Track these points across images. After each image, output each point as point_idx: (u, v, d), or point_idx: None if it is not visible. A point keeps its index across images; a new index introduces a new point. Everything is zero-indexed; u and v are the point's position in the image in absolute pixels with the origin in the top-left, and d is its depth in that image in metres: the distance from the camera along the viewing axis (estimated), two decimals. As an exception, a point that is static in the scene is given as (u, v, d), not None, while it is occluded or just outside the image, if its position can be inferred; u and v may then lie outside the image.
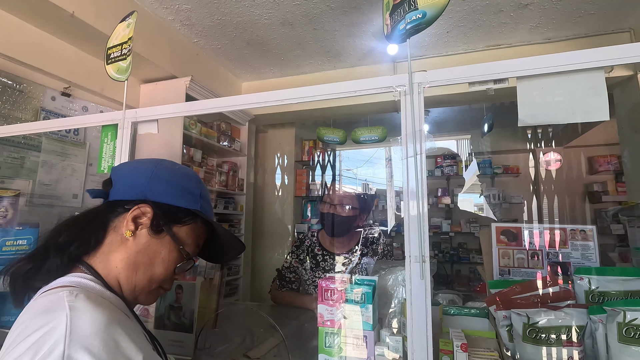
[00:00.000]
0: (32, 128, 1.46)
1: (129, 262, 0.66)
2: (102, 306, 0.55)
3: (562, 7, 2.31)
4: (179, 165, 0.78)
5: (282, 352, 1.11)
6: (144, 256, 0.67)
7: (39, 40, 2.00)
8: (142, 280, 0.67)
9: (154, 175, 0.71)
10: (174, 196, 0.71)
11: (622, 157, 2.80)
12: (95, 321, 0.51)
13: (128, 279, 0.66)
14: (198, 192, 0.74)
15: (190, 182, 0.74)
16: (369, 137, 3.25)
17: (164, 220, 0.69)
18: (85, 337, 0.49)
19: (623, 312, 0.76)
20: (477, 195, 4.30)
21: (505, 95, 3.05)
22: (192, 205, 0.72)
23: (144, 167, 0.73)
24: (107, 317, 0.53)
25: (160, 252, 0.68)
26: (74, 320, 0.50)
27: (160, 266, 0.68)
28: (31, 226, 1.35)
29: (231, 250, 0.83)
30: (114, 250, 0.66)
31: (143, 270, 0.67)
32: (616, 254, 2.58)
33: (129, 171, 0.75)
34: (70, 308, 0.51)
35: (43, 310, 0.53)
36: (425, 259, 0.82)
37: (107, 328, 0.52)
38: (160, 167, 0.73)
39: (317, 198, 3.92)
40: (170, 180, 0.72)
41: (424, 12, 0.87)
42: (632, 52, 0.79)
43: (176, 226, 0.70)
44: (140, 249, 0.67)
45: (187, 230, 0.72)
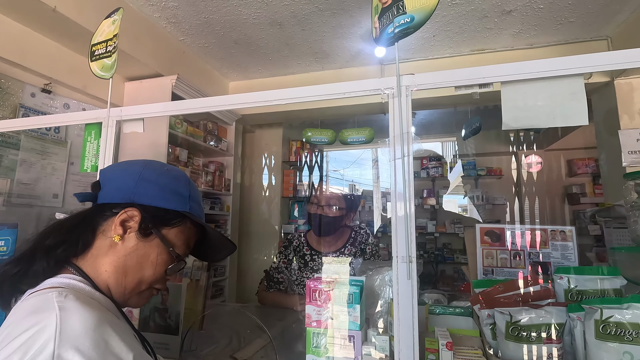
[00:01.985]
0: (11, 125, 1.41)
1: (117, 265, 0.65)
2: (92, 306, 0.55)
3: (543, 15, 2.38)
4: (168, 166, 0.77)
5: (269, 353, 1.10)
6: (132, 259, 0.66)
7: (19, 35, 1.94)
8: (131, 283, 0.66)
9: (142, 178, 0.70)
10: (162, 198, 0.70)
11: (600, 160, 2.90)
12: (85, 321, 0.51)
13: (117, 281, 0.65)
14: (187, 194, 0.73)
15: (179, 184, 0.73)
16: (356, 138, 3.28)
17: (152, 223, 0.68)
18: (75, 337, 0.49)
19: (600, 309, 0.79)
20: (461, 197, 4.38)
21: (489, 99, 3.13)
22: (181, 207, 0.71)
23: (131, 168, 0.72)
24: (97, 317, 0.53)
25: (150, 254, 0.68)
26: (64, 320, 0.50)
27: (149, 269, 0.68)
28: (9, 226, 1.30)
29: (222, 250, 0.82)
30: (102, 254, 0.66)
31: (132, 273, 0.66)
32: (593, 254, 2.67)
33: (117, 173, 0.73)
34: (60, 308, 0.51)
35: (32, 310, 0.53)
36: (412, 259, 0.83)
37: (97, 328, 0.51)
38: (148, 169, 0.72)
39: (305, 199, 3.92)
40: (158, 182, 0.71)
41: (412, 16, 0.89)
42: (610, 60, 0.82)
43: (165, 229, 0.70)
44: (129, 252, 0.66)
45: (176, 232, 0.71)
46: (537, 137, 4.28)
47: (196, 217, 0.73)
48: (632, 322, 0.76)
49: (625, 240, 1.61)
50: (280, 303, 1.73)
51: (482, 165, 4.35)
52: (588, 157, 4.01)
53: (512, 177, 4.36)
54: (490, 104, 3.11)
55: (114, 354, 0.52)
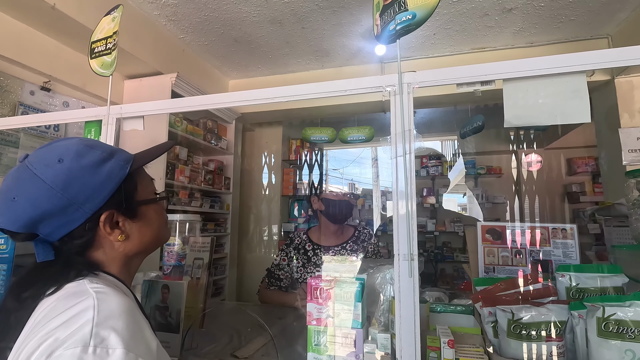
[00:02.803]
0: (10, 123, 1.41)
1: (141, 244, 0.70)
2: (124, 295, 0.60)
3: (544, 13, 2.38)
4: (54, 155, 0.62)
5: (270, 351, 1.10)
6: (146, 233, 0.71)
7: (18, 33, 1.93)
8: (157, 240, 0.74)
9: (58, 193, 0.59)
10: (105, 186, 0.63)
11: (600, 159, 2.90)
12: (119, 305, 0.56)
13: (146, 251, 0.73)
14: (103, 155, 0.64)
15: (89, 158, 0.63)
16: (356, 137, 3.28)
17: (126, 205, 0.66)
18: (111, 318, 0.53)
19: (602, 307, 0.78)
20: (461, 195, 4.38)
21: (489, 98, 3.12)
22: (121, 174, 0.65)
23: (29, 200, 0.59)
24: (129, 303, 0.58)
25: (152, 217, 0.72)
26: (101, 302, 0.54)
27: (160, 221, 0.74)
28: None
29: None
30: (120, 254, 0.68)
31: (154, 237, 0.73)
32: (593, 253, 2.67)
33: (28, 213, 0.59)
34: (96, 292, 0.56)
35: (69, 294, 0.57)
36: (414, 257, 0.83)
37: (129, 312, 0.56)
38: (51, 179, 0.59)
39: (304, 197, 3.92)
40: (79, 179, 0.61)
41: (413, 13, 0.88)
42: (612, 57, 0.82)
43: (136, 195, 0.69)
44: (140, 232, 0.69)
45: (142, 185, 0.71)
46: (537, 136, 4.28)
47: (137, 163, 0.70)
48: (634, 320, 0.75)
49: (625, 239, 1.61)
50: (279, 300, 1.73)
51: (482, 164, 4.35)
52: (588, 156, 4.01)
53: (512, 175, 4.36)
54: (490, 102, 3.10)
55: (144, 337, 0.56)
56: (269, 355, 1.09)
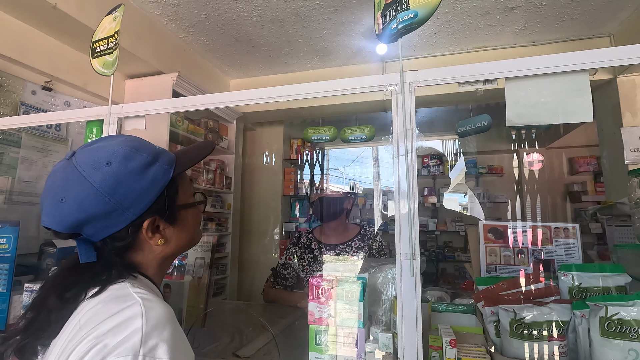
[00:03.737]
0: (12, 123, 1.41)
1: (178, 246, 0.71)
2: (164, 302, 0.60)
3: (546, 11, 2.37)
4: (102, 158, 0.61)
5: (272, 351, 1.10)
6: (183, 238, 0.72)
7: (19, 33, 1.94)
8: (191, 242, 0.75)
9: (105, 197, 0.59)
10: (147, 190, 0.63)
11: (602, 158, 2.89)
12: (165, 314, 0.56)
13: (177, 254, 0.73)
14: (149, 159, 0.64)
15: (135, 162, 0.62)
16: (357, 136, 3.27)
17: (169, 210, 0.67)
18: (158, 327, 0.54)
19: (605, 307, 0.78)
20: (462, 195, 4.38)
21: (490, 97, 3.11)
22: (165, 178, 0.65)
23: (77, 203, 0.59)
24: (171, 311, 0.58)
25: (190, 221, 0.73)
26: (149, 311, 0.55)
27: (197, 224, 0.75)
28: (11, 224, 1.30)
29: None
30: (157, 257, 0.69)
31: (188, 240, 0.74)
32: (595, 252, 2.66)
33: (75, 215, 0.59)
34: (143, 299, 0.56)
35: (113, 297, 0.58)
36: (416, 256, 0.83)
37: (173, 320, 0.57)
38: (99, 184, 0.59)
39: (305, 196, 3.92)
40: (126, 184, 0.61)
41: (415, 12, 0.88)
42: (615, 56, 0.81)
43: (177, 199, 0.69)
44: (178, 237, 0.71)
45: (183, 189, 0.72)
46: (539, 135, 4.27)
47: (180, 167, 0.69)
48: (637, 319, 0.75)
49: (627, 238, 1.60)
50: (282, 299, 1.74)
51: (483, 163, 4.34)
52: (589, 155, 4.00)
53: (513, 175, 4.35)
54: (492, 101, 3.09)
55: (185, 346, 0.57)
56: (271, 354, 1.09)
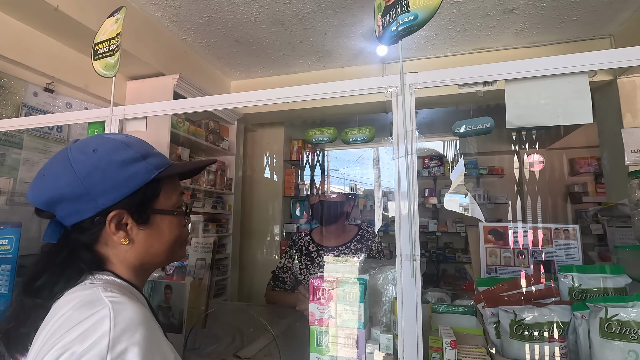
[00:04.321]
0: (14, 124, 1.41)
1: (144, 255, 0.66)
2: (137, 301, 0.58)
3: (546, 13, 2.37)
4: (91, 144, 0.63)
5: (272, 352, 1.10)
6: (153, 244, 0.67)
7: (21, 34, 1.94)
8: (164, 255, 0.69)
9: (79, 179, 0.60)
10: (124, 184, 0.62)
11: (602, 159, 2.89)
12: (136, 316, 0.54)
13: (151, 263, 0.69)
14: (137, 156, 0.64)
15: (121, 155, 0.63)
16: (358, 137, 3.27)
17: (142, 209, 0.64)
18: (128, 331, 0.52)
19: (605, 308, 0.78)
20: (462, 196, 4.37)
21: (491, 98, 3.11)
22: (147, 176, 0.64)
23: (58, 180, 0.61)
24: (145, 313, 0.56)
25: (163, 230, 0.68)
26: (117, 313, 0.53)
27: (171, 238, 0.69)
28: (12, 225, 1.30)
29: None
30: (123, 256, 0.65)
31: (160, 251, 0.68)
32: (595, 253, 2.66)
33: (52, 191, 0.61)
34: (112, 302, 0.54)
35: (83, 303, 0.55)
36: (416, 257, 0.83)
37: (146, 322, 0.54)
38: (78, 166, 0.61)
39: (306, 197, 3.92)
40: (102, 172, 0.61)
41: (415, 14, 0.88)
42: (615, 58, 0.82)
43: (154, 202, 0.66)
44: (145, 242, 0.66)
45: (165, 196, 0.67)
46: (540, 136, 4.27)
47: (168, 171, 0.67)
48: (637, 320, 0.75)
49: (628, 239, 1.60)
50: (281, 301, 1.74)
51: (484, 164, 4.34)
52: (590, 156, 4.00)
53: (514, 176, 4.35)
54: (492, 102, 3.10)
55: (160, 349, 0.55)
56: (272, 355, 1.10)
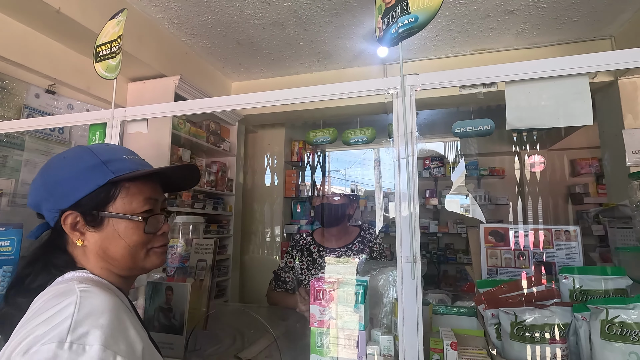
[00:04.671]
0: (16, 126, 1.42)
1: (103, 258, 0.67)
2: (111, 293, 0.59)
3: (546, 14, 2.37)
4: (65, 153, 0.71)
5: (273, 353, 1.11)
6: (109, 247, 0.67)
7: (23, 36, 1.95)
8: (125, 261, 0.68)
9: (45, 183, 0.68)
10: (79, 187, 0.66)
11: (603, 159, 2.89)
12: (104, 302, 0.56)
13: (115, 268, 0.68)
14: (98, 161, 0.67)
15: (83, 161, 0.68)
16: (358, 138, 3.27)
17: (94, 211, 0.66)
18: (92, 315, 0.53)
19: (606, 309, 0.78)
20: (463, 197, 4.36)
21: (491, 99, 3.11)
22: (102, 179, 0.66)
23: (35, 184, 0.70)
24: (115, 302, 0.57)
25: (117, 233, 0.67)
26: (84, 299, 0.55)
27: (128, 243, 0.67)
28: (14, 227, 1.31)
29: (186, 175, 0.81)
30: (87, 258, 0.68)
31: (119, 255, 0.67)
32: (597, 254, 2.65)
33: (32, 194, 0.70)
34: (81, 291, 0.56)
35: (57, 294, 0.57)
36: (417, 259, 0.83)
37: (113, 310, 0.55)
38: (47, 170, 0.69)
39: (307, 198, 3.93)
40: (63, 176, 0.67)
41: (416, 16, 0.89)
42: (615, 59, 0.82)
43: (109, 206, 0.67)
44: (100, 244, 0.67)
45: (123, 201, 0.68)
46: (540, 137, 4.26)
47: (127, 175, 0.68)
48: (638, 322, 0.75)
49: (629, 240, 1.60)
50: (284, 303, 1.74)
51: (485, 165, 4.33)
52: (591, 157, 3.99)
53: (514, 177, 4.34)
54: (493, 103, 3.09)
55: (127, 337, 0.55)
56: (272, 356, 1.10)
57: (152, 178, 0.74)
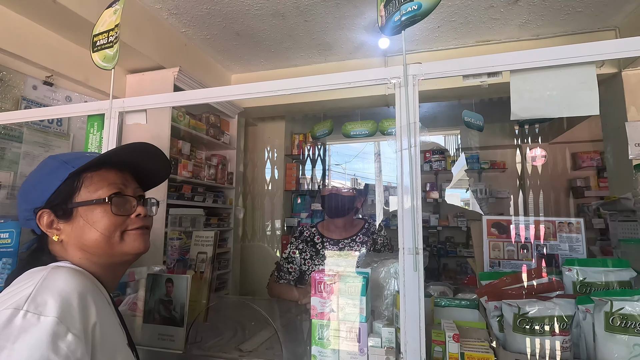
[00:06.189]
0: (13, 117, 1.40)
1: (80, 249, 0.71)
2: (84, 278, 0.62)
3: (550, 4, 2.34)
4: (36, 167, 0.79)
5: (274, 345, 1.10)
6: (83, 237, 0.70)
7: (20, 27, 1.92)
8: (102, 247, 0.71)
9: (22, 194, 0.75)
10: (45, 187, 0.72)
11: (606, 153, 2.87)
12: (70, 280, 0.58)
13: (94, 255, 0.71)
14: (60, 162, 0.73)
15: (48, 166, 0.75)
16: (359, 131, 3.25)
17: (63, 205, 0.71)
18: (53, 288, 0.56)
19: (610, 301, 0.78)
20: (464, 190, 4.36)
21: (494, 91, 3.07)
22: (63, 175, 0.71)
23: (17, 201, 0.77)
24: (85, 285, 0.60)
25: (92, 220, 0.70)
26: (51, 275, 0.58)
27: (101, 225, 0.70)
28: (13, 219, 1.30)
29: (156, 164, 0.83)
30: (65, 252, 0.71)
31: (93, 241, 0.70)
32: (597, 247, 2.65)
33: (18, 211, 0.77)
34: (52, 269, 0.61)
35: (27, 275, 0.62)
36: (419, 250, 0.82)
37: (79, 289, 0.58)
38: (23, 185, 0.76)
39: (307, 192, 3.92)
40: (32, 183, 0.74)
41: (419, 4, 0.87)
42: (623, 47, 0.80)
43: (75, 196, 0.71)
44: (75, 235, 0.70)
45: (89, 189, 0.72)
46: (542, 130, 4.24)
47: (85, 165, 0.72)
48: (642, 314, 0.75)
49: (630, 233, 1.60)
50: (284, 295, 1.74)
51: (486, 158, 4.32)
52: (593, 150, 3.98)
53: (516, 170, 4.33)
54: (495, 96, 3.07)
55: (86, 317, 0.57)
56: (273, 349, 1.10)
57: (116, 167, 0.77)
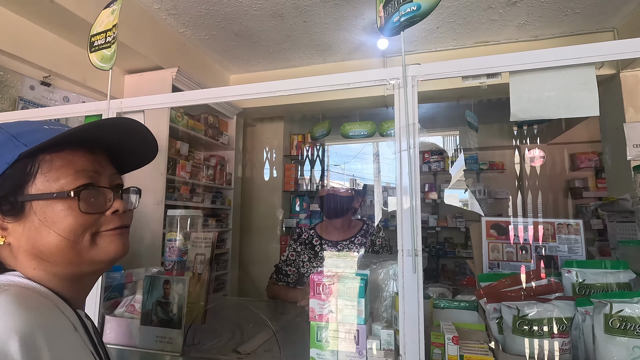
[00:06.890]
0: (11, 118, 1.40)
1: (36, 256, 0.52)
2: (33, 308, 0.45)
3: (549, 6, 2.35)
4: None
5: (272, 347, 1.10)
6: (37, 239, 0.51)
7: (17, 27, 1.92)
8: (64, 254, 0.52)
9: None
10: None
11: (604, 154, 2.88)
12: (8, 320, 0.42)
13: (53, 266, 0.52)
14: (7, 137, 0.52)
15: None
16: (358, 132, 3.25)
17: (8, 196, 0.51)
18: None
19: (610, 303, 0.77)
20: (462, 191, 4.36)
21: (492, 92, 3.08)
22: (12, 156, 0.50)
23: None
24: (34, 319, 0.44)
25: (45, 219, 0.51)
26: None
27: (62, 227, 0.52)
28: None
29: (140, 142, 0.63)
30: (15, 261, 0.53)
31: (52, 247, 0.51)
32: (595, 248, 2.65)
33: None
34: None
35: None
36: (418, 252, 0.82)
37: (23, 328, 0.42)
38: None
39: (306, 192, 3.92)
40: None
41: (418, 5, 0.86)
42: (621, 49, 0.80)
43: (28, 186, 0.51)
44: (27, 238, 0.52)
45: (47, 176, 0.52)
46: (540, 131, 4.25)
47: (43, 143, 0.51)
48: (642, 316, 0.74)
49: (629, 234, 1.60)
50: (285, 297, 1.73)
51: (485, 159, 4.32)
52: (591, 151, 3.99)
53: (514, 171, 4.34)
54: (493, 97, 3.08)
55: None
56: (272, 351, 1.09)
57: (85, 146, 0.55)
